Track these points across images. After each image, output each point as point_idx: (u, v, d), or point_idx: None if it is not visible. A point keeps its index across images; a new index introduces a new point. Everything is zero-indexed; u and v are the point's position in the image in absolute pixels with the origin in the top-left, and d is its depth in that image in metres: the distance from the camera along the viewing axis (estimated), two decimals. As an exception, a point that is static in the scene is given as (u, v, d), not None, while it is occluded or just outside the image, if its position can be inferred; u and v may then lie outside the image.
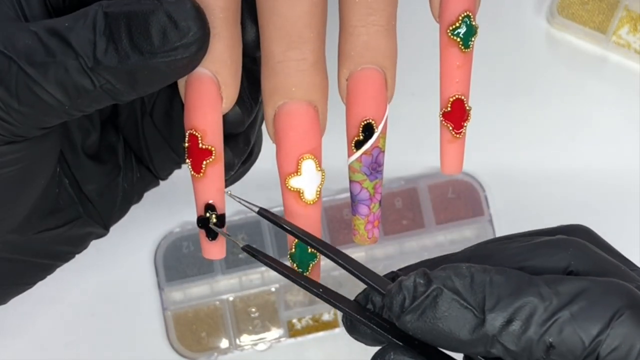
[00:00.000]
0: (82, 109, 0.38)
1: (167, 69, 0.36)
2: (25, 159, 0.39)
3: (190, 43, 0.36)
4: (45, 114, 0.37)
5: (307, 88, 0.38)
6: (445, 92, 0.39)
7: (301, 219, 0.38)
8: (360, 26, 0.38)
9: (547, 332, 0.35)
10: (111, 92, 0.37)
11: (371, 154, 0.39)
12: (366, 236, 0.40)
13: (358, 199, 0.39)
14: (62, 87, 0.36)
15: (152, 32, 0.35)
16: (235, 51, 0.38)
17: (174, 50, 0.36)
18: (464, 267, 0.36)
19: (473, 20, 0.39)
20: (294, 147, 0.38)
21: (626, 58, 0.64)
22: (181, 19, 0.35)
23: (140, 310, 0.62)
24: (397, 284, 0.36)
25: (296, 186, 0.38)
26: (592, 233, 0.42)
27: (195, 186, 0.39)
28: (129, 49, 0.36)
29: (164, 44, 0.35)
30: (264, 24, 0.38)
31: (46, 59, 0.36)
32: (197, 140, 0.38)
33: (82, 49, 0.36)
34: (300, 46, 0.37)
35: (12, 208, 0.41)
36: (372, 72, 0.38)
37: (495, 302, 0.35)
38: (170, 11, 0.35)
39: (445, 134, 0.40)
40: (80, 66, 0.36)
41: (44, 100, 0.36)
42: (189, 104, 0.38)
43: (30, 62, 0.36)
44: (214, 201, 0.39)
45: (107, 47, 0.36)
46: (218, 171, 0.38)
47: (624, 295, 0.36)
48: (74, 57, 0.36)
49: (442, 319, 0.36)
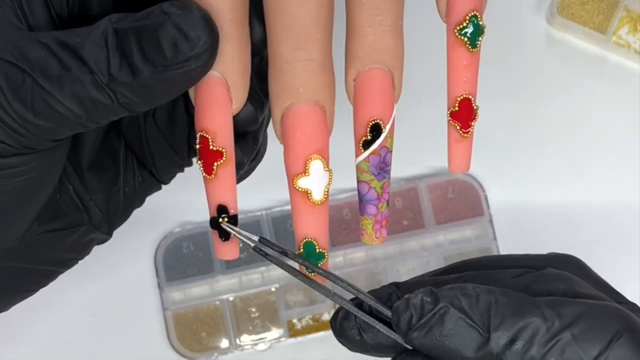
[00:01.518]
0: (98, 121, 0.38)
1: (181, 79, 0.36)
2: (34, 170, 0.39)
3: (202, 52, 0.36)
4: (60, 126, 0.37)
5: (314, 88, 0.37)
6: (453, 91, 0.39)
7: (309, 219, 0.38)
8: (367, 26, 0.38)
9: (549, 352, 0.37)
10: (127, 105, 0.37)
11: (379, 154, 0.38)
12: (374, 236, 0.40)
13: (366, 199, 0.39)
14: (79, 101, 0.36)
15: (164, 46, 0.35)
16: (243, 52, 0.38)
17: (187, 61, 0.36)
18: (470, 287, 0.38)
19: (480, 20, 0.39)
20: (302, 147, 0.38)
21: (626, 58, 0.64)
22: (190, 29, 0.35)
23: (140, 310, 0.62)
24: (405, 301, 0.38)
25: (304, 186, 0.38)
26: (581, 265, 0.44)
27: (207, 188, 0.39)
28: (142, 64, 0.35)
29: (176, 56, 0.35)
30: (271, 24, 0.37)
31: (62, 73, 0.36)
32: (207, 142, 0.38)
33: (96, 65, 0.36)
34: (308, 46, 0.37)
35: (19, 217, 0.41)
36: (379, 72, 0.38)
37: (500, 322, 0.37)
38: (178, 23, 0.35)
39: (453, 134, 0.40)
40: (96, 81, 0.36)
41: (60, 112, 0.36)
42: (199, 106, 0.38)
43: (46, 76, 0.36)
44: (226, 202, 0.39)
45: (121, 63, 0.35)
46: (229, 172, 0.38)
47: (622, 319, 0.37)
48: (88, 73, 0.36)
49: (449, 336, 0.37)
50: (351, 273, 0.63)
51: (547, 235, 0.64)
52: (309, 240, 0.38)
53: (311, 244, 0.38)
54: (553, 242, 0.64)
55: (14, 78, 0.36)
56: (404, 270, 0.63)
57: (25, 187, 0.39)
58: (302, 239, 0.39)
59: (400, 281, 0.42)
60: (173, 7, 0.36)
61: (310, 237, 0.38)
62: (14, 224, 0.41)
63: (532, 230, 0.64)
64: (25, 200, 0.41)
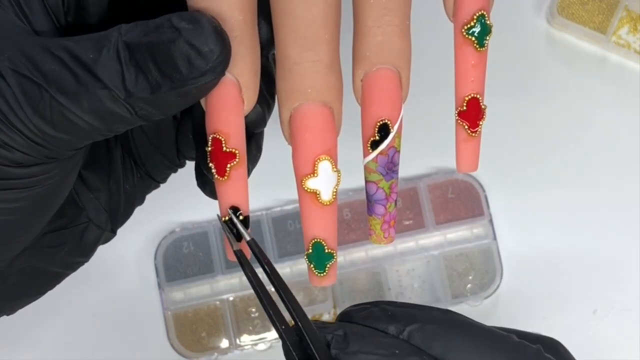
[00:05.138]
0: (117, 131, 0.38)
1: (197, 91, 0.36)
2: (56, 176, 0.39)
3: (216, 65, 0.35)
4: (81, 138, 0.37)
5: (322, 89, 0.37)
6: (461, 91, 0.39)
7: (318, 220, 0.38)
8: (375, 27, 0.38)
9: None
10: (145, 116, 0.37)
11: (387, 154, 0.38)
12: (382, 236, 0.40)
13: (374, 199, 0.39)
14: (98, 115, 0.36)
15: (178, 63, 0.35)
16: (254, 53, 0.38)
17: (202, 76, 0.35)
18: None
19: (487, 19, 0.39)
20: (310, 148, 0.38)
21: (626, 58, 0.65)
22: (203, 44, 0.35)
23: (140, 310, 0.62)
24: None
25: (313, 187, 0.38)
26: (562, 352, 0.42)
27: (220, 189, 0.39)
28: (160, 79, 0.35)
29: (192, 72, 0.35)
30: (278, 25, 0.37)
31: (78, 89, 0.35)
32: (220, 143, 0.38)
33: (111, 81, 0.35)
34: (316, 48, 0.37)
35: (38, 222, 0.41)
36: (387, 72, 0.38)
37: None
38: (190, 39, 0.35)
39: (461, 133, 0.40)
40: (113, 96, 0.36)
41: (80, 126, 0.36)
42: (211, 108, 0.38)
43: (62, 91, 0.35)
44: (239, 203, 0.39)
45: (137, 77, 0.35)
46: (242, 174, 0.38)
47: None
48: (104, 88, 0.35)
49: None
50: (351, 273, 0.63)
51: (547, 235, 0.64)
52: (317, 241, 0.38)
53: (320, 244, 0.38)
54: (553, 242, 0.64)
55: (32, 93, 0.35)
56: (403, 270, 0.63)
57: (47, 193, 0.39)
58: (311, 239, 0.39)
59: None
60: (183, 22, 0.35)
61: (319, 237, 0.38)
62: (33, 228, 0.41)
63: (532, 230, 0.64)
64: (46, 205, 0.40)
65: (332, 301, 0.63)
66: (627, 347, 0.63)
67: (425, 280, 0.64)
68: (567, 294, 0.64)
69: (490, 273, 0.63)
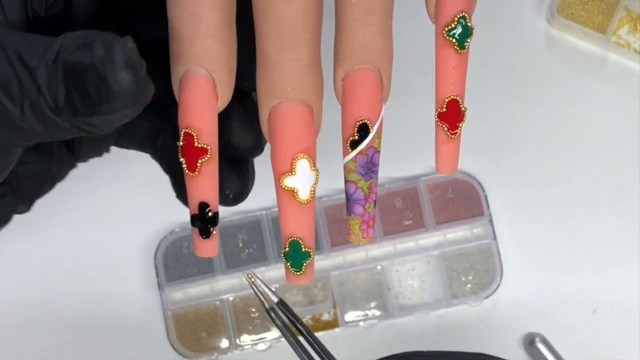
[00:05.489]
0: (62, 138, 0.38)
1: (117, 118, 0.36)
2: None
3: (125, 97, 0.35)
4: (26, 139, 0.37)
5: (302, 88, 0.38)
6: (441, 92, 0.39)
7: (295, 219, 0.39)
8: (356, 26, 0.38)
9: None
10: (86, 131, 0.37)
11: (366, 154, 0.39)
12: (361, 236, 0.40)
13: (353, 199, 0.39)
14: (41, 122, 0.36)
15: (89, 90, 0.35)
16: (230, 50, 0.38)
17: (112, 106, 0.35)
18: None
19: (469, 21, 0.39)
20: (288, 146, 0.38)
21: (626, 58, 0.64)
22: (110, 74, 0.34)
23: (140, 310, 0.63)
24: None
25: (290, 185, 0.38)
26: None
27: (190, 185, 0.39)
28: (78, 102, 0.35)
29: (101, 101, 0.35)
30: (259, 23, 0.38)
31: (22, 94, 0.35)
32: (192, 139, 0.38)
33: (48, 94, 0.35)
34: (296, 46, 0.37)
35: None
36: (367, 72, 0.38)
37: None
38: (99, 68, 0.34)
39: (441, 135, 0.40)
40: (52, 108, 0.36)
41: (25, 129, 0.36)
42: (184, 102, 0.38)
43: (7, 94, 0.36)
44: (208, 199, 0.39)
45: (65, 97, 0.35)
46: (213, 170, 0.38)
47: None
48: (44, 99, 0.35)
49: None
50: (351, 273, 0.63)
51: (547, 235, 0.64)
52: (294, 239, 0.39)
53: (297, 242, 0.39)
54: (553, 241, 0.64)
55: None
56: (404, 270, 0.64)
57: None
58: (287, 237, 0.39)
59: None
60: (101, 47, 0.35)
61: (296, 235, 0.39)
62: None
63: (532, 230, 0.64)
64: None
65: (332, 301, 0.63)
66: (627, 347, 0.63)
67: (425, 280, 0.64)
68: (567, 294, 0.63)
69: (490, 273, 0.63)
